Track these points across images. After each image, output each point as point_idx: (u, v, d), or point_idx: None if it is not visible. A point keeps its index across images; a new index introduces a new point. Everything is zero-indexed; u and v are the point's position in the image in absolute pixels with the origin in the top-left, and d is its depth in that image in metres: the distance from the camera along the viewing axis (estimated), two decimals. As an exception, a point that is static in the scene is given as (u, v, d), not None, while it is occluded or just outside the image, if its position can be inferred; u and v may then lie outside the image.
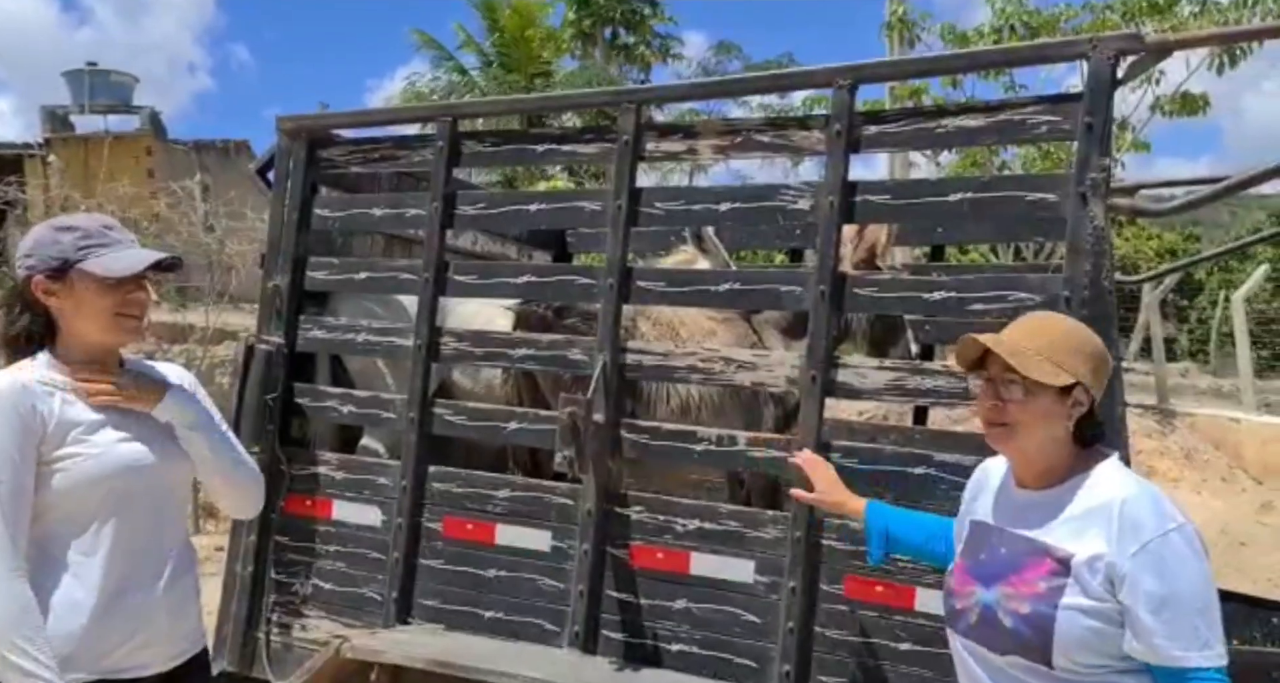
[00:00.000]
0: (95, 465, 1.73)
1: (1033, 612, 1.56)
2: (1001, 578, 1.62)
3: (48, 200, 11.61)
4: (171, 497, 1.87)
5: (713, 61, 20.39)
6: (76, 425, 1.74)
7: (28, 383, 1.74)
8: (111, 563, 1.73)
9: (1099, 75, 2.35)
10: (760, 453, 2.70)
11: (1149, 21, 10.71)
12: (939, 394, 2.52)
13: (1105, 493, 1.57)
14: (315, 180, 3.43)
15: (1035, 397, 1.61)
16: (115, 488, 1.75)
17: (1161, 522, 1.50)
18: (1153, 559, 1.48)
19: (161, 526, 1.82)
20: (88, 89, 14.23)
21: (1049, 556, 1.58)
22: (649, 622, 2.77)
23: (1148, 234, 18.90)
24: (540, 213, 3.16)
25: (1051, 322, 1.72)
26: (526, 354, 3.04)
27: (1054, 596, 1.54)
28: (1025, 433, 1.63)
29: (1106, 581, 1.51)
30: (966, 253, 15.07)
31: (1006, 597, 1.60)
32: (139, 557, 1.77)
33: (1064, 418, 1.62)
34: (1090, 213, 2.32)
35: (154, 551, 1.80)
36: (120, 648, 1.74)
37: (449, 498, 3.06)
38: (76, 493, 1.72)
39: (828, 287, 2.59)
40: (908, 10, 12.41)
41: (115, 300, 1.78)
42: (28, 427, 1.69)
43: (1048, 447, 1.64)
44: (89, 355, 1.81)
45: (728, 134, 2.84)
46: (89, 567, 1.72)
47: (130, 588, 1.75)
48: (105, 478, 1.74)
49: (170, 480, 1.86)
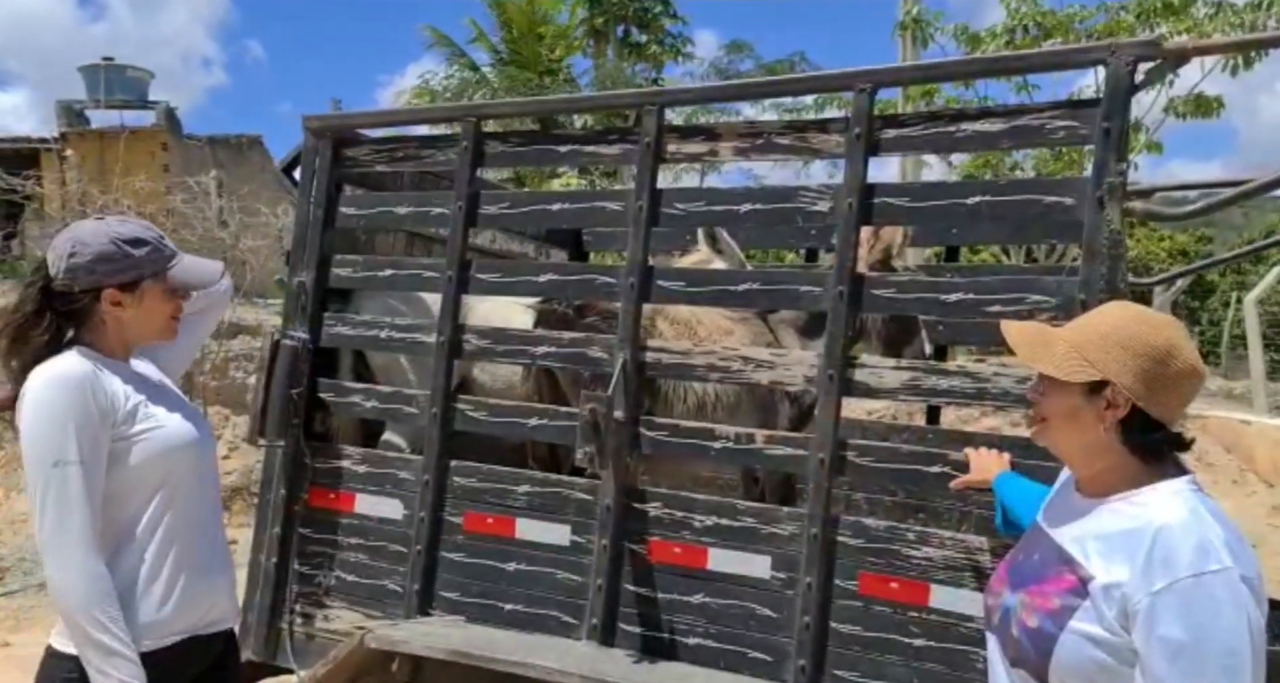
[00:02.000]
0: (164, 436, 1.87)
1: (1038, 628, 1.43)
2: (1025, 584, 1.51)
3: (64, 195, 11.73)
4: (213, 468, 2.03)
5: (724, 61, 20.40)
6: (142, 403, 1.87)
7: (95, 368, 1.84)
8: (183, 532, 1.88)
9: (1117, 81, 2.39)
10: (777, 451, 2.75)
11: (1164, 23, 10.68)
12: (954, 394, 2.55)
13: (1147, 516, 1.39)
14: (340, 179, 3.48)
15: (1059, 392, 1.49)
16: (181, 458, 1.89)
17: (1201, 560, 1.31)
18: (1178, 601, 1.29)
19: (209, 494, 1.99)
20: (103, 84, 14.32)
21: (1072, 571, 1.43)
22: (666, 616, 2.82)
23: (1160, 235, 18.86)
24: (562, 212, 3.21)
25: (1110, 313, 1.52)
26: (547, 351, 3.09)
27: (1064, 616, 1.40)
28: (1055, 431, 1.51)
29: (1121, 614, 1.35)
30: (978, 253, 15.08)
31: (1023, 605, 1.48)
32: (200, 525, 1.93)
33: (1096, 420, 1.45)
34: (1107, 217, 2.35)
35: (210, 518, 1.98)
36: (200, 608, 1.91)
37: (470, 493, 3.12)
38: (150, 465, 1.85)
39: (846, 287, 2.63)
40: (921, 11, 12.40)
41: (175, 306, 1.96)
42: (103, 410, 1.80)
43: (1088, 451, 1.49)
44: (125, 352, 1.95)
45: (748, 136, 2.88)
46: (164, 538, 1.86)
47: (200, 554, 1.91)
48: (173, 449, 1.88)
49: (212, 452, 2.02)
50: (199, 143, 13.94)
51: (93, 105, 14.38)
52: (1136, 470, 1.46)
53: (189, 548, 1.89)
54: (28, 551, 6.65)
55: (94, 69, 14.58)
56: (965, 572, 2.46)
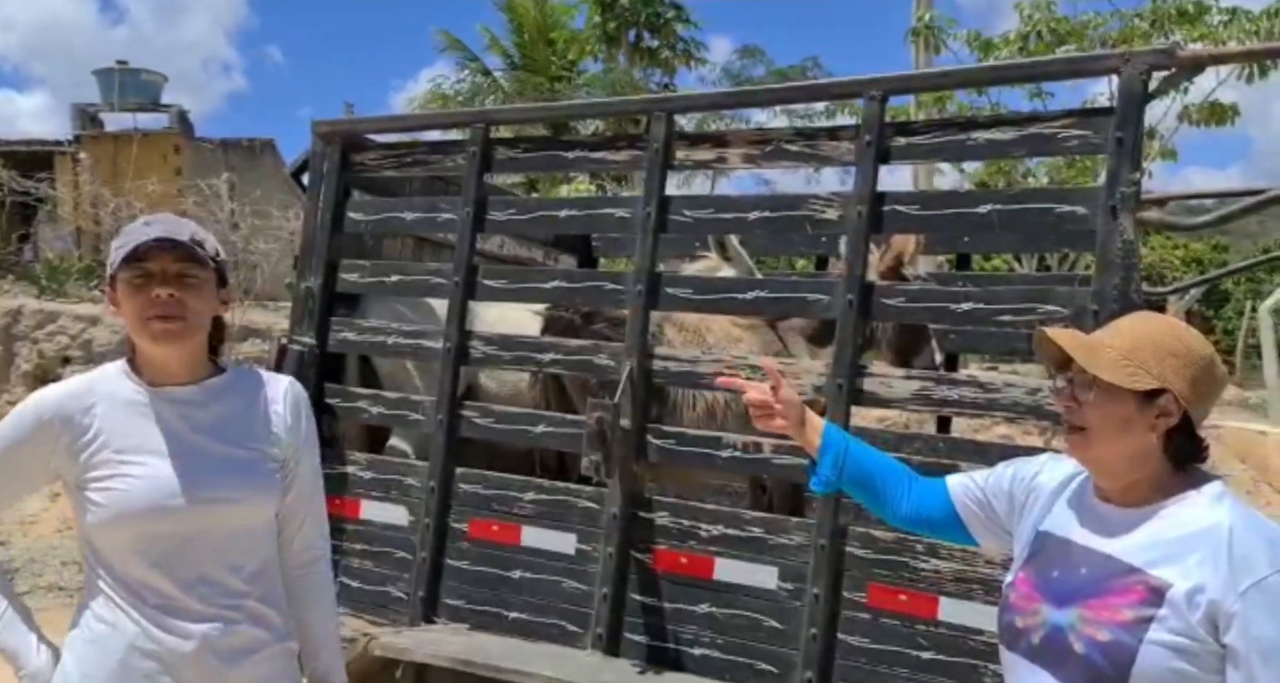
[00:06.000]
0: (123, 501, 1.57)
1: (1112, 640, 1.38)
2: (1078, 600, 1.44)
3: (77, 197, 11.79)
4: (220, 542, 1.64)
5: (737, 66, 20.39)
6: (115, 452, 1.59)
7: (79, 391, 1.63)
8: (136, 609, 1.58)
9: (1131, 90, 2.36)
10: (785, 460, 2.72)
11: (1178, 30, 10.62)
12: (963, 404, 2.53)
13: (1209, 519, 1.38)
14: (349, 184, 3.48)
15: (1112, 400, 1.43)
16: (143, 532, 1.58)
17: (1277, 557, 1.32)
18: (1268, 599, 1.29)
19: (211, 571, 1.62)
20: (118, 87, 14.39)
21: (1141, 582, 1.39)
22: (672, 626, 2.80)
23: (1174, 243, 18.77)
24: (570, 219, 3.20)
25: (1150, 321, 1.51)
26: (554, 358, 3.08)
27: (1140, 627, 1.36)
28: (1101, 441, 1.45)
29: (1207, 620, 1.32)
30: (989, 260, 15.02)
31: (1083, 620, 1.42)
32: (173, 607, 1.58)
33: (1147, 429, 1.42)
34: (1120, 226, 2.32)
35: (191, 602, 1.59)
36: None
37: (475, 499, 3.10)
38: (103, 532, 1.59)
39: (856, 296, 2.61)
40: (934, 17, 12.36)
41: (142, 302, 1.59)
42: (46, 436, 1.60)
43: (1128, 460, 1.45)
44: (153, 366, 1.66)
45: (758, 143, 2.86)
46: (115, 610, 1.59)
47: (156, 635, 1.57)
48: (131, 519, 1.57)
49: (215, 525, 1.63)
50: (212, 146, 13.98)
51: (107, 108, 14.44)
52: (1171, 477, 1.45)
53: (140, 624, 1.57)
54: (37, 552, 6.67)
55: (108, 72, 14.65)
56: (974, 585, 2.43)
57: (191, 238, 1.62)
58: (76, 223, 11.75)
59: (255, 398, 1.73)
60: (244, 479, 1.65)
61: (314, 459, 1.82)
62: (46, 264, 10.38)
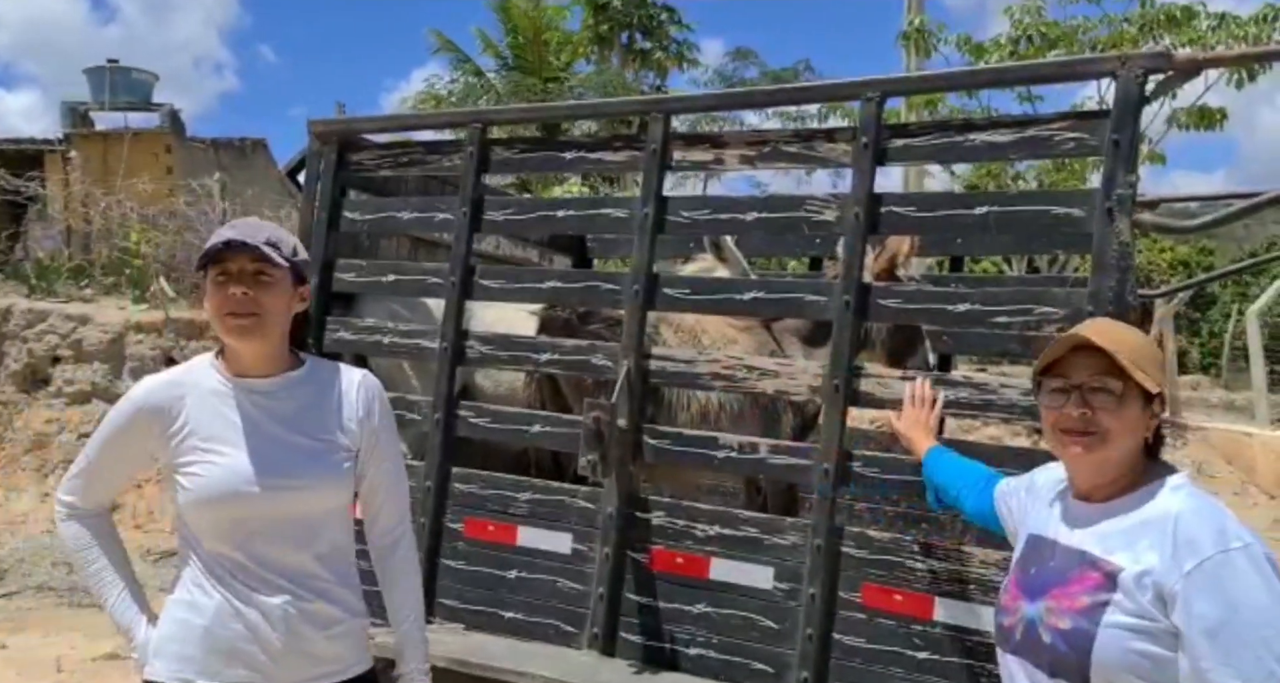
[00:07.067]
0: (205, 486, 1.72)
1: (1073, 628, 1.44)
2: (1046, 591, 1.52)
3: (68, 196, 11.71)
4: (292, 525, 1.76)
5: (730, 68, 20.44)
6: (203, 438, 1.74)
7: (171, 381, 1.79)
8: (222, 581, 1.73)
9: (1126, 93, 2.38)
10: (781, 460, 2.73)
11: (1167, 35, 10.69)
12: (960, 405, 2.54)
13: (1163, 506, 1.46)
14: (344, 183, 3.47)
15: (1129, 405, 1.50)
16: (219, 509, 1.72)
17: (1222, 540, 1.38)
18: (1209, 579, 1.36)
19: (286, 551, 1.75)
20: (108, 86, 14.32)
21: (1096, 568, 1.47)
22: (668, 626, 2.80)
23: (1161, 246, 18.85)
24: (567, 219, 3.20)
25: (1127, 329, 1.62)
26: (551, 358, 3.08)
27: (1097, 612, 1.43)
28: (1116, 443, 1.51)
29: (1157, 599, 1.39)
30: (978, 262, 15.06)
31: (1048, 611, 1.49)
32: (253, 580, 1.73)
33: (1145, 429, 1.53)
34: (1116, 229, 2.34)
35: (270, 577, 1.74)
36: (216, 660, 1.72)
37: (471, 499, 3.10)
38: (189, 513, 1.75)
39: (852, 297, 2.62)
40: (925, 21, 12.41)
41: (220, 299, 1.72)
42: (144, 424, 1.76)
43: (1128, 459, 1.53)
44: (235, 358, 1.79)
45: (755, 144, 2.87)
46: (205, 579, 1.74)
47: (237, 606, 1.72)
48: (212, 503, 1.72)
49: (287, 509, 1.75)
50: (203, 145, 13.92)
51: (97, 107, 14.36)
52: (1146, 471, 1.54)
53: (225, 594, 1.73)
54: (26, 552, 6.63)
55: (99, 71, 14.56)
56: (969, 585, 2.44)
57: (267, 240, 1.74)
58: (67, 222, 11.67)
59: (329, 390, 1.84)
60: (314, 467, 1.77)
61: (392, 449, 1.93)
62: (36, 263, 10.31)
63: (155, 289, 9.20)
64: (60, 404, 8.08)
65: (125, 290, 9.61)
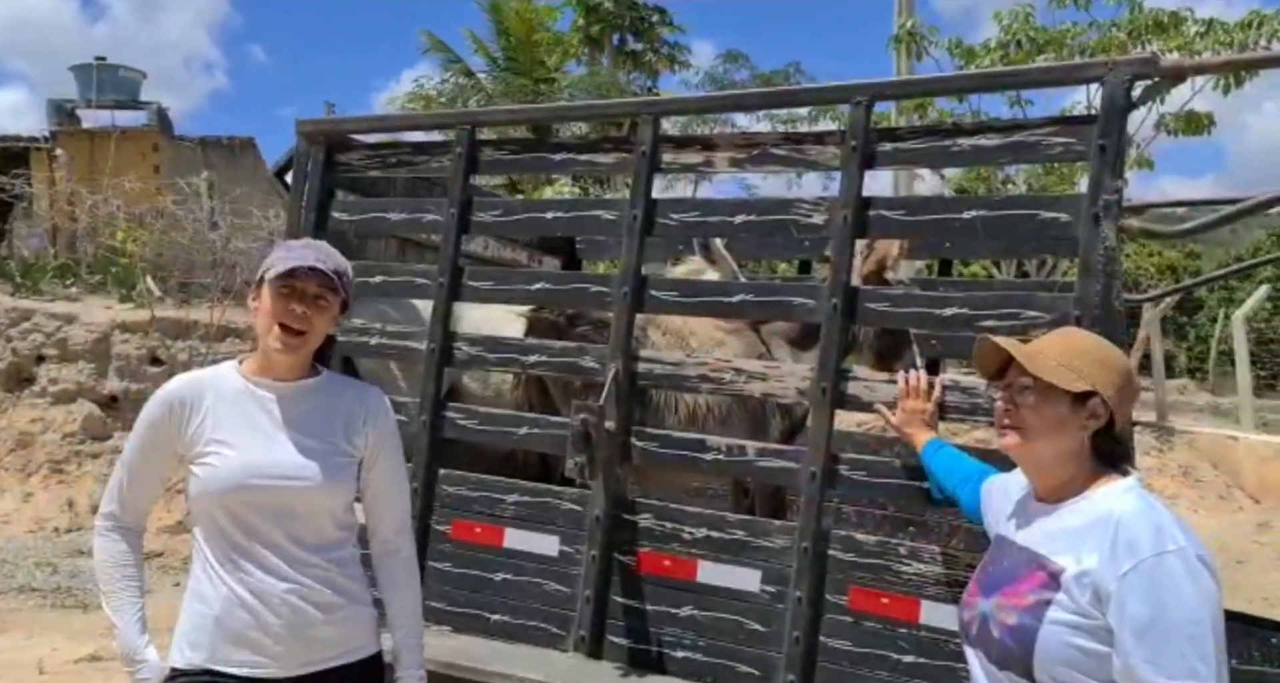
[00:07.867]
0: (213, 476, 1.85)
1: (1018, 624, 1.54)
2: (998, 589, 1.62)
3: (53, 194, 11.64)
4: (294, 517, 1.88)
5: (720, 70, 20.46)
6: (217, 431, 1.87)
7: (196, 381, 1.92)
8: (229, 571, 1.85)
9: (1113, 98, 2.39)
10: (768, 463, 2.73)
11: (1155, 40, 10.75)
12: (947, 408, 2.55)
13: (1108, 508, 1.53)
14: (333, 184, 3.46)
15: (1049, 402, 1.59)
16: (228, 503, 1.85)
17: (1158, 542, 1.45)
18: (1143, 581, 1.43)
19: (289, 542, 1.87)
20: (96, 84, 14.24)
21: (1042, 568, 1.56)
22: (655, 628, 2.80)
23: (1149, 251, 18.97)
24: (556, 221, 3.19)
25: (1078, 335, 1.74)
26: (539, 360, 3.07)
27: (1040, 609, 1.52)
28: (1037, 439, 1.61)
29: (1095, 598, 1.47)
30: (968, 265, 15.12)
31: (998, 607, 1.59)
32: (258, 570, 1.85)
33: (1078, 428, 1.59)
34: (1102, 233, 2.35)
35: (273, 566, 1.86)
36: (225, 646, 1.85)
37: (458, 501, 3.09)
38: (198, 502, 1.88)
39: (840, 300, 2.62)
40: (917, 24, 12.44)
41: (280, 309, 1.87)
42: (172, 418, 1.88)
43: (1062, 458, 1.61)
44: (268, 360, 1.93)
45: (744, 147, 2.87)
46: (213, 571, 1.86)
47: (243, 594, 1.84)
48: (218, 492, 1.84)
49: (289, 501, 1.87)
50: (191, 144, 13.86)
51: (84, 105, 14.29)
52: (1093, 475, 1.61)
53: (231, 584, 1.85)
54: (9, 553, 6.58)
55: (86, 68, 14.48)
56: (956, 588, 2.44)
57: (335, 269, 1.90)
58: (52, 220, 11.59)
59: (339, 400, 1.99)
60: (314, 466, 1.89)
61: (394, 462, 2.06)
62: (22, 262, 10.24)
63: (141, 288, 9.16)
64: (45, 404, 8.02)
65: (111, 289, 9.56)
